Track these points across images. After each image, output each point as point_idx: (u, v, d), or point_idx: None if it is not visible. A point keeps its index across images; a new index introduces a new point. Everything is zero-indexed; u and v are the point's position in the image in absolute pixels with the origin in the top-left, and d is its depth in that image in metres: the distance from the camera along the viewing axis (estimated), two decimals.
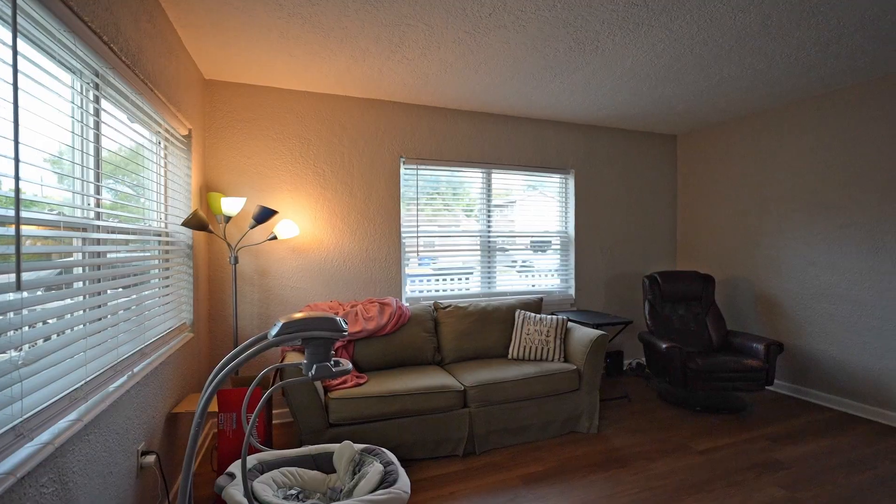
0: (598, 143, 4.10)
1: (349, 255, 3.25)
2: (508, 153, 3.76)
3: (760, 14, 2.13)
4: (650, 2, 2.01)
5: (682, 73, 2.85)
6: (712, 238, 4.13)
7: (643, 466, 2.40)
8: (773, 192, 3.60)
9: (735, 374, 3.02)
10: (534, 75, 2.86)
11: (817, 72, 2.84)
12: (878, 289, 2.96)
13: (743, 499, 2.10)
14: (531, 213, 3.98)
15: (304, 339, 1.34)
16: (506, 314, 3.24)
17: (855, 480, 2.24)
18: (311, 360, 1.34)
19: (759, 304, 3.71)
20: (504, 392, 2.62)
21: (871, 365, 3.00)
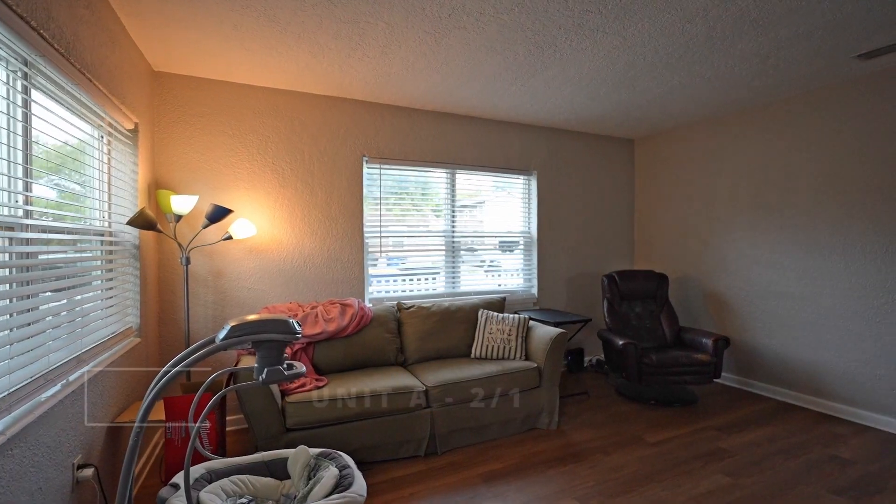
0: (560, 145, 4.19)
1: (310, 256, 3.18)
2: (472, 154, 3.79)
3: (706, 26, 2.24)
4: (604, 9, 2.07)
5: (636, 80, 2.96)
6: (666, 238, 4.31)
7: (599, 460, 2.47)
8: (721, 195, 3.80)
9: (686, 369, 3.16)
10: (495, 77, 2.90)
11: (758, 82, 3.02)
12: (813, 286, 3.18)
13: (691, 486, 2.20)
14: (497, 213, 4.02)
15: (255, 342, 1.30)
16: (469, 314, 3.27)
17: (791, 465, 2.40)
18: (262, 364, 1.30)
19: (709, 301, 3.91)
20: (466, 391, 2.64)
21: (807, 357, 3.22)
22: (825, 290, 3.11)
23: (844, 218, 3.01)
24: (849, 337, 2.99)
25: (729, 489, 2.17)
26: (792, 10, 2.09)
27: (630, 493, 2.15)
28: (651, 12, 2.10)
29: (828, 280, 3.10)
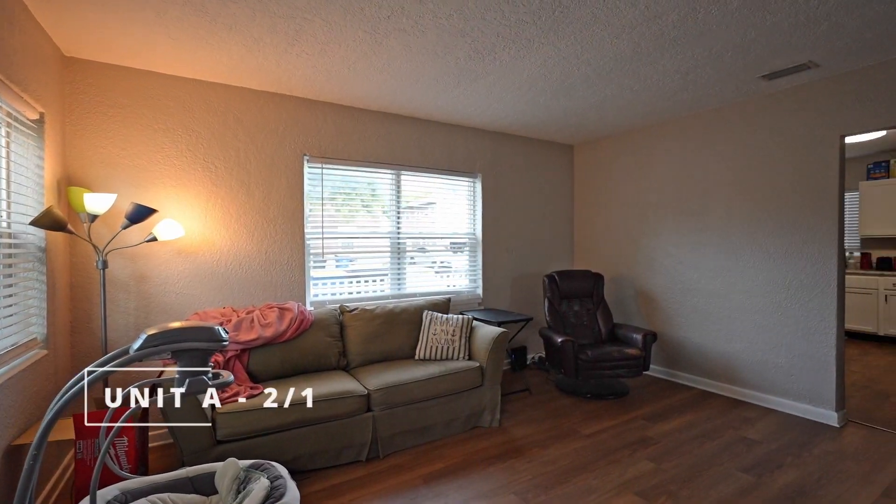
0: (504, 149, 4.30)
1: (246, 258, 3.04)
2: (418, 155, 3.79)
3: (632, 42, 2.39)
4: (538, 20, 2.15)
5: (572, 89, 3.10)
6: (603, 240, 4.55)
7: (537, 453, 2.57)
8: (650, 200, 4.07)
9: (618, 363, 3.36)
10: (437, 80, 2.92)
11: (681, 96, 3.27)
12: (727, 284, 3.49)
13: (620, 473, 2.34)
14: (446, 215, 4.05)
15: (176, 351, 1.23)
16: (414, 315, 3.27)
17: (707, 447, 2.62)
18: (183, 374, 1.23)
19: (640, 298, 4.17)
20: (409, 393, 2.64)
21: (722, 348, 3.53)
22: (737, 288, 3.43)
23: (752, 223, 3.33)
24: (756, 329, 3.31)
25: (653, 474, 2.33)
26: (704, 32, 2.29)
27: (565, 484, 2.25)
28: (581, 26, 2.21)
29: (739, 278, 3.41)
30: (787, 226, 3.14)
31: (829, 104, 2.92)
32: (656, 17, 2.14)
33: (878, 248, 5.56)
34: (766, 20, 2.18)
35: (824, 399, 2.97)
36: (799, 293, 3.08)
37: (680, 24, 2.20)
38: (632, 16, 2.12)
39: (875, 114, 2.73)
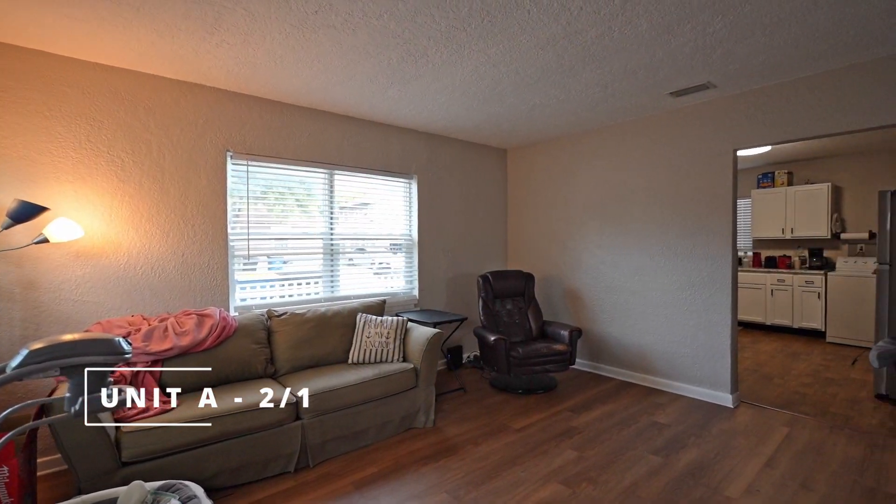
0: (439, 151, 4.35)
1: (160, 261, 2.79)
2: (352, 155, 3.71)
3: (556, 54, 2.53)
4: (468, 27, 2.20)
5: (503, 96, 3.21)
6: (534, 241, 4.76)
7: (470, 451, 2.62)
8: (576, 203, 4.32)
9: (547, 358, 3.52)
10: (371, 80, 2.88)
11: (601, 108, 3.51)
12: (643, 282, 3.80)
13: (546, 464, 2.46)
14: (383, 215, 4.00)
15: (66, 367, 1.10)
16: (347, 318, 3.20)
17: (624, 434, 2.83)
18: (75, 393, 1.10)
19: (567, 297, 4.42)
20: (341, 398, 2.58)
21: (638, 341, 3.84)
22: (651, 285, 3.75)
23: (663, 226, 3.66)
24: (666, 323, 3.64)
25: (576, 462, 2.48)
26: (620, 50, 2.47)
27: (495, 478, 2.32)
28: (510, 36, 2.30)
29: (653, 276, 3.73)
30: (691, 229, 3.48)
31: (725, 121, 3.29)
32: (577, 33, 2.27)
33: (766, 249, 6.34)
34: (670, 43, 2.40)
35: (721, 383, 3.33)
36: (701, 289, 3.43)
37: (598, 40, 2.35)
38: (555, 30, 2.24)
39: (761, 131, 3.12)
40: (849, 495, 2.14)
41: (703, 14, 2.11)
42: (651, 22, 2.17)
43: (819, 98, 2.85)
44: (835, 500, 2.11)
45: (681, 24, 2.20)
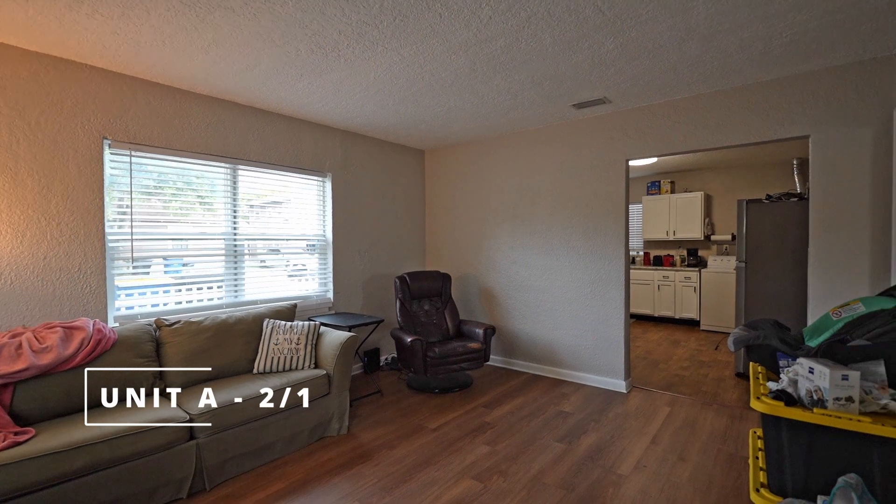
0: (355, 149, 4.23)
1: (13, 266, 2.35)
2: (258, 149, 3.46)
3: (468, 60, 2.59)
4: (380, 24, 2.16)
5: (418, 97, 3.21)
6: (451, 241, 4.84)
7: (385, 455, 2.58)
8: (491, 205, 4.48)
9: (462, 356, 3.60)
10: (278, 70, 2.71)
11: (512, 115, 3.67)
12: (550, 280, 4.05)
13: (460, 461, 2.51)
14: (291, 215, 3.78)
15: None
16: (252, 325, 2.97)
17: (532, 425, 2.99)
18: None
19: (483, 295, 4.56)
20: (243, 413, 2.38)
21: (547, 336, 4.09)
22: (557, 283, 4.01)
23: (567, 228, 3.93)
24: (571, 318, 3.92)
25: (488, 456, 2.56)
26: (527, 61, 2.60)
27: (409, 481, 2.31)
28: (422, 37, 2.30)
29: (558, 275, 4.00)
30: (591, 231, 3.79)
31: (618, 133, 3.63)
32: (487, 41, 2.35)
33: (654, 249, 7.14)
34: (571, 58, 2.58)
35: (617, 371, 3.67)
36: (599, 286, 3.75)
37: (507, 49, 2.45)
38: (466, 36, 2.29)
39: (648, 144, 3.49)
40: (714, 462, 2.48)
41: (598, 34, 2.30)
42: (554, 37, 2.32)
43: (691, 118, 3.27)
44: (704, 467, 2.43)
45: (580, 42, 2.38)
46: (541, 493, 2.19)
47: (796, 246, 3.71)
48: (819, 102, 2.79)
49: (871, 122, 2.63)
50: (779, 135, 2.94)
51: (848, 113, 2.70)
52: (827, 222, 2.78)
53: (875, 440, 1.31)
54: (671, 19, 2.15)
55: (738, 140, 3.09)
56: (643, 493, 2.19)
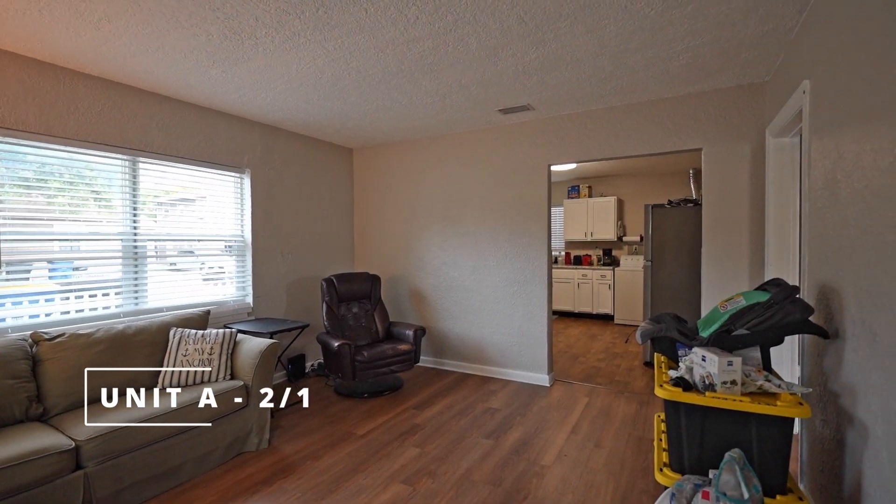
0: (277, 145, 4.00)
1: None
2: (164, 141, 3.13)
3: (396, 59, 2.55)
4: (301, 14, 2.06)
5: (345, 93, 3.11)
6: (381, 242, 4.76)
7: (309, 467, 2.46)
8: (421, 206, 4.48)
9: (392, 359, 3.55)
10: (186, 55, 2.47)
11: (441, 117, 3.70)
12: (479, 280, 4.14)
13: (389, 466, 2.46)
14: (209, 213, 3.47)
15: None
16: (156, 335, 2.68)
17: (461, 423, 3.03)
18: None
19: (413, 297, 4.54)
20: (143, 434, 2.13)
21: (476, 334, 4.17)
22: (485, 283, 4.11)
23: (494, 229, 4.05)
24: (498, 317, 4.04)
25: (418, 458, 2.55)
26: (454, 64, 2.63)
27: (335, 492, 2.22)
28: (347, 32, 2.23)
29: (487, 275, 4.10)
30: (517, 232, 3.94)
31: (540, 139, 3.81)
32: (414, 41, 2.33)
33: (574, 249, 7.61)
34: (496, 65, 2.66)
35: (540, 366, 3.85)
36: (524, 285, 3.91)
37: (434, 51, 2.46)
38: (393, 34, 2.25)
39: (567, 150, 3.70)
40: (626, 446, 2.69)
41: (522, 43, 2.39)
42: (480, 42, 2.36)
43: (605, 128, 3.52)
44: (618, 451, 2.62)
45: (504, 49, 2.45)
46: (469, 490, 2.22)
47: (692, 246, 4.16)
48: (710, 119, 3.15)
49: (749, 138, 3.02)
50: (677, 146, 3.27)
51: (732, 130, 3.08)
52: (716, 225, 3.15)
53: (752, 417, 1.49)
54: (586, 35, 2.29)
55: (644, 150, 3.39)
56: (564, 481, 2.31)
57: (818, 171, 1.86)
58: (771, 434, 1.48)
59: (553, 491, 2.22)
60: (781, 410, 1.43)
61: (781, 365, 2.71)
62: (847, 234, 1.55)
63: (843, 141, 1.59)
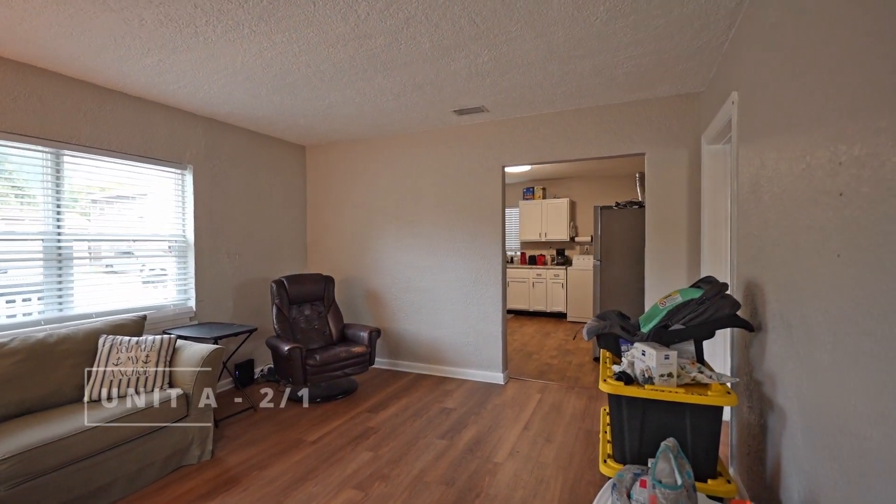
0: (223, 140, 3.81)
1: None
2: (91, 132, 2.89)
3: (348, 54, 2.50)
4: (245, 4, 1.96)
5: (295, 88, 3.01)
6: (335, 242, 4.65)
7: (256, 477, 2.36)
8: (377, 206, 4.42)
9: (346, 362, 3.48)
10: (117, 41, 2.29)
11: (396, 116, 3.66)
12: (434, 280, 4.14)
13: (341, 472, 2.40)
14: (150, 212, 3.23)
15: None
16: (83, 343, 2.47)
17: (416, 425, 3.01)
18: None
19: (368, 297, 4.47)
20: (65, 452, 1.95)
21: (432, 335, 4.17)
22: (441, 283, 4.12)
23: (450, 229, 4.06)
24: (454, 317, 4.06)
25: (371, 463, 2.50)
26: (407, 63, 2.61)
27: (283, 502, 2.13)
28: (296, 24, 2.15)
29: (442, 275, 4.11)
30: (472, 232, 3.97)
31: (495, 141, 3.86)
32: (366, 37, 2.29)
33: (529, 249, 7.79)
34: (449, 66, 2.67)
35: (495, 365, 3.91)
36: (479, 286, 3.95)
37: (387, 49, 2.43)
38: (344, 29, 2.20)
39: (520, 153, 3.78)
40: (575, 440, 2.78)
41: (474, 45, 2.41)
42: (433, 42, 2.36)
43: (556, 131, 3.63)
44: (567, 445, 2.70)
45: (457, 50, 2.46)
46: (422, 492, 2.21)
47: (638, 246, 4.37)
48: (652, 126, 3.32)
49: (687, 145, 3.21)
50: (623, 151, 3.42)
51: (672, 136, 3.26)
52: (658, 226, 3.32)
53: (687, 407, 1.58)
54: (536, 39, 2.34)
55: (593, 153, 3.52)
56: (516, 477, 2.35)
57: (745, 176, 2.00)
58: (703, 422, 1.57)
59: (505, 487, 2.25)
60: (712, 400, 1.53)
61: (715, 357, 2.91)
62: (768, 234, 1.68)
63: (765, 149, 1.72)
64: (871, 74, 0.98)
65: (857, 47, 1.04)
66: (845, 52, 1.10)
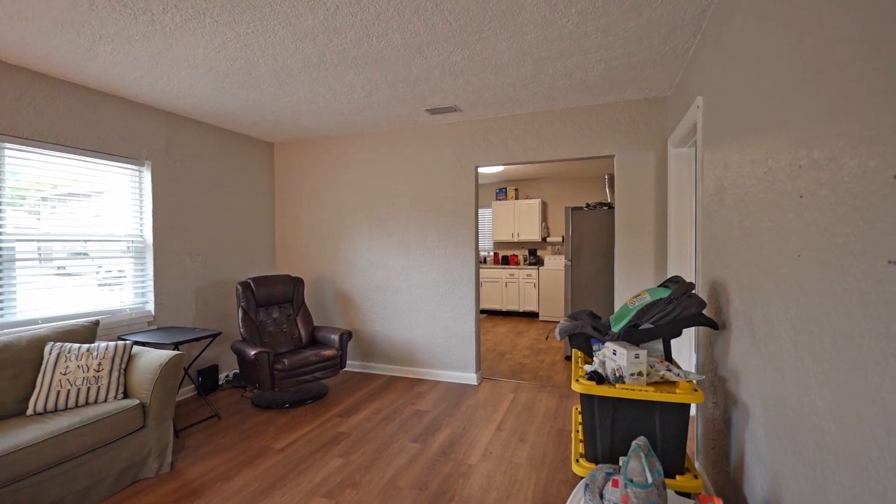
0: (184, 135, 3.63)
1: None
2: (37, 125, 2.69)
3: (317, 49, 2.42)
4: None
5: (261, 83, 2.90)
6: (305, 242, 4.53)
7: (219, 489, 2.25)
8: (348, 205, 4.33)
9: (316, 366, 3.38)
10: (65, 27, 2.14)
11: (367, 114, 3.60)
12: (408, 281, 4.09)
13: (310, 480, 2.33)
14: (106, 210, 3.03)
15: None
16: (26, 352, 2.29)
17: (389, 428, 2.96)
18: None
19: (339, 299, 4.38)
20: (6, 470, 1.80)
21: (405, 336, 4.12)
22: (414, 284, 4.07)
23: (423, 230, 4.03)
24: (427, 317, 4.03)
25: (341, 469, 2.43)
26: (379, 59, 2.56)
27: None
28: (261, 16, 2.07)
29: (416, 276, 4.06)
30: (445, 232, 3.95)
31: (468, 141, 3.85)
32: (336, 32, 2.23)
33: (502, 249, 7.84)
34: (423, 63, 2.63)
35: (469, 365, 3.89)
36: (453, 286, 3.93)
37: (358, 44, 2.37)
38: (312, 23, 2.13)
39: (493, 153, 3.78)
40: (547, 439, 2.79)
41: (447, 43, 2.38)
42: (404, 39, 2.32)
43: (529, 132, 3.65)
44: (540, 444, 2.71)
45: (430, 48, 2.43)
46: (394, 497, 2.16)
47: (607, 246, 4.46)
48: (621, 128, 3.39)
49: (654, 147, 3.29)
50: (593, 153, 3.47)
51: (640, 139, 3.34)
52: (627, 227, 3.39)
53: (656, 405, 1.61)
54: (509, 39, 2.34)
55: (564, 155, 3.56)
56: (489, 478, 2.34)
57: (709, 179, 2.06)
58: (671, 420, 1.60)
59: (478, 489, 2.23)
60: (679, 397, 1.56)
61: (681, 354, 2.99)
62: (732, 235, 1.73)
63: (728, 152, 1.77)
64: (831, 81, 1.01)
65: (819, 55, 1.07)
66: (807, 60, 1.13)
